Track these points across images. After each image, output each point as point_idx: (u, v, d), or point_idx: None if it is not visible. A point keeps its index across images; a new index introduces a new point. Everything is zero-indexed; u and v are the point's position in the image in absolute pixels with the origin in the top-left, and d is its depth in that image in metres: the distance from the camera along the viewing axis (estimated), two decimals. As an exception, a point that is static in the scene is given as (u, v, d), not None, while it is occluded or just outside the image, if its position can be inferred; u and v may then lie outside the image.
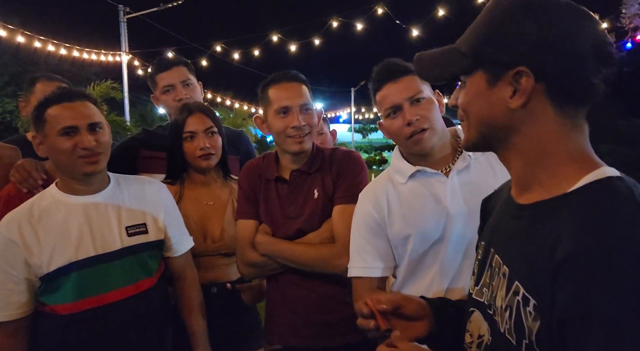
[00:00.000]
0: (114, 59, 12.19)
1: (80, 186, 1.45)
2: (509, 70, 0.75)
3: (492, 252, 0.85)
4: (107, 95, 10.00)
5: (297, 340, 1.59)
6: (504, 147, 0.81)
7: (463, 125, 0.86)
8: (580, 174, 0.73)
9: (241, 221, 1.66)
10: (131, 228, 1.49)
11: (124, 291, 1.43)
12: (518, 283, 0.73)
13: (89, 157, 1.39)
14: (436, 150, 1.36)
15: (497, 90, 0.77)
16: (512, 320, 0.73)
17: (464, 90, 0.82)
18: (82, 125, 1.38)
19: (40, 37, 9.64)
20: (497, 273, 0.80)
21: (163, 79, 2.13)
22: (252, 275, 1.68)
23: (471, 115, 0.82)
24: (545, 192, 0.76)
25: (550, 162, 0.76)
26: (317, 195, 1.58)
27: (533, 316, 0.69)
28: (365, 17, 10.24)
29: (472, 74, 0.80)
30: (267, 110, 1.60)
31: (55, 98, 1.40)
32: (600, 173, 0.73)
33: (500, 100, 0.77)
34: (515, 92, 0.75)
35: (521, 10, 0.74)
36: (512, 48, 0.74)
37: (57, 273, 1.36)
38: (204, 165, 1.79)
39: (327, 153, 1.66)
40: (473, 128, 0.83)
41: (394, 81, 1.33)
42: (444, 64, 0.84)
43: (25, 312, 1.39)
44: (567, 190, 0.73)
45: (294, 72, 1.62)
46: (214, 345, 1.77)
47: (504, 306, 0.75)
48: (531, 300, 0.69)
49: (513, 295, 0.73)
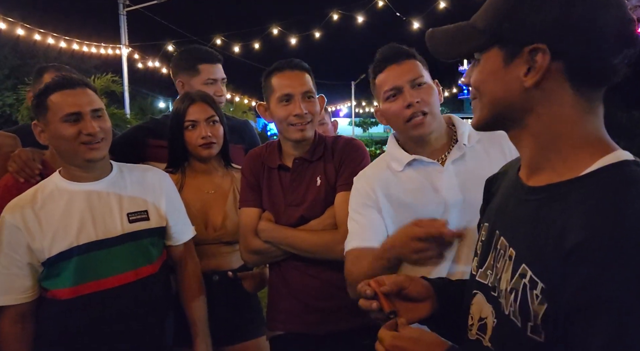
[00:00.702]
0: (114, 52, 12.17)
1: (83, 173, 1.46)
2: (525, 47, 0.73)
3: (497, 233, 0.83)
4: (108, 89, 9.99)
5: (298, 326, 1.61)
6: (517, 127, 0.79)
7: (475, 104, 0.83)
8: (594, 158, 0.72)
9: (244, 209, 1.68)
10: (132, 215, 1.50)
11: (124, 277, 1.45)
12: (525, 266, 0.72)
13: (91, 143, 1.40)
14: (433, 139, 1.35)
15: (513, 69, 0.75)
16: (518, 303, 0.72)
17: (478, 68, 0.80)
18: (85, 111, 1.39)
19: (40, 30, 9.62)
20: (502, 255, 0.79)
21: (209, 72, 2.14)
22: (255, 262, 1.70)
23: (485, 93, 0.80)
24: (556, 174, 0.75)
25: (564, 144, 0.75)
26: (320, 183, 1.60)
27: (540, 300, 0.68)
28: (365, 9, 10.20)
29: (488, 51, 0.78)
30: (270, 98, 1.62)
31: (57, 85, 1.41)
32: (614, 157, 0.71)
33: (515, 78, 0.75)
34: (529, 70, 0.74)
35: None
36: (531, 25, 0.72)
37: (59, 257, 1.39)
38: (205, 154, 1.80)
39: (330, 141, 1.68)
40: (486, 107, 0.80)
41: (396, 63, 1.33)
42: (460, 40, 0.82)
43: (29, 297, 1.41)
44: (579, 174, 0.72)
45: (297, 60, 1.63)
46: (215, 333, 1.79)
47: (509, 288, 0.74)
48: (539, 283, 0.68)
49: (519, 278, 0.72)
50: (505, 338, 0.77)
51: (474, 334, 0.86)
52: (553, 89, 0.74)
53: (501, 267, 0.79)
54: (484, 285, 0.86)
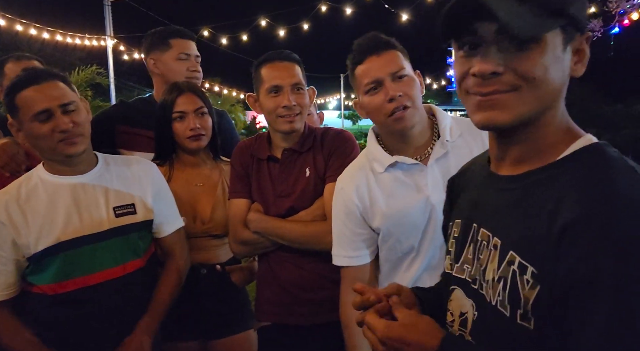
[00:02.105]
0: (99, 43, 11.96)
1: (66, 167, 1.43)
2: (583, 34, 0.70)
3: (474, 227, 0.82)
4: (92, 81, 9.83)
5: (286, 317, 1.62)
6: (539, 121, 0.73)
7: (514, 97, 0.69)
8: (567, 142, 0.73)
9: (234, 200, 1.67)
10: (119, 209, 1.48)
11: (111, 272, 1.43)
12: (513, 252, 0.71)
13: (67, 139, 1.36)
14: (416, 134, 1.33)
15: (566, 56, 0.70)
16: (507, 291, 0.71)
17: (534, 55, 0.68)
18: (54, 108, 1.35)
19: (22, 21, 9.41)
20: (485, 246, 0.78)
21: (181, 46, 2.05)
22: (244, 253, 1.70)
23: (543, 82, 0.69)
24: (538, 160, 0.74)
25: (549, 132, 0.74)
26: (309, 174, 1.59)
27: (531, 284, 0.67)
28: (354, 1, 10.15)
29: (548, 33, 0.67)
30: (260, 89, 1.60)
31: (23, 82, 1.36)
32: (586, 140, 0.73)
33: (567, 66, 0.71)
34: (578, 60, 0.71)
35: None
36: (583, 9, 0.69)
37: (44, 253, 1.36)
38: (194, 145, 1.78)
39: (319, 132, 1.67)
40: (538, 100, 0.70)
41: (376, 54, 1.28)
42: (535, 19, 0.66)
43: (11, 294, 1.39)
44: (556, 158, 0.72)
45: (287, 51, 1.62)
46: (203, 327, 1.78)
47: (496, 278, 0.73)
48: (529, 267, 0.67)
49: (507, 265, 0.71)
50: (489, 329, 0.76)
51: (456, 330, 0.85)
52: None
53: (485, 258, 0.77)
54: (461, 280, 0.85)
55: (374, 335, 0.78)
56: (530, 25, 0.65)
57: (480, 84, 0.71)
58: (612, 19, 4.78)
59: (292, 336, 1.62)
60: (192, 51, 2.09)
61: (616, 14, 4.71)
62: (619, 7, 4.60)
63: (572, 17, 0.68)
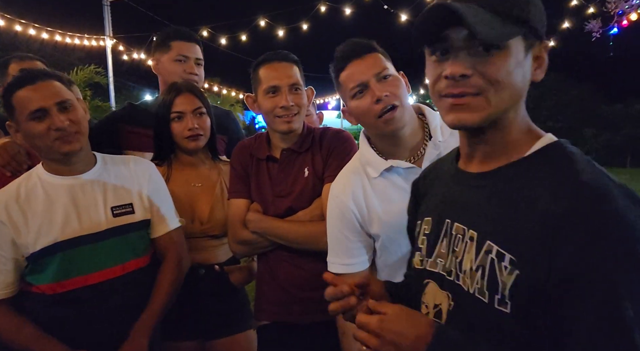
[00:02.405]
0: (98, 43, 11.95)
1: (64, 167, 1.43)
2: (542, 42, 0.77)
3: (448, 222, 0.87)
4: (92, 80, 9.82)
5: (285, 316, 1.62)
6: (503, 121, 0.80)
7: (478, 100, 0.76)
8: (531, 141, 0.80)
9: (233, 200, 1.68)
10: (117, 209, 1.48)
11: (110, 271, 1.43)
12: (490, 242, 0.76)
13: (64, 137, 1.36)
14: (407, 137, 1.31)
15: (527, 61, 0.77)
16: (485, 279, 0.76)
17: (499, 59, 0.74)
18: (50, 106, 1.35)
19: (21, 21, 9.40)
20: (460, 239, 0.83)
21: (180, 48, 2.07)
22: (243, 253, 1.71)
23: (508, 86, 0.75)
24: (505, 158, 0.81)
25: (513, 132, 0.81)
26: (307, 174, 1.60)
27: (508, 270, 0.72)
28: (353, 1, 10.15)
29: (511, 40, 0.74)
30: (258, 89, 1.61)
31: (18, 82, 1.36)
32: (548, 139, 0.81)
33: (527, 71, 0.78)
34: (537, 65, 0.78)
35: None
36: (542, 20, 0.77)
37: (43, 253, 1.36)
38: (192, 146, 1.78)
39: (318, 132, 1.68)
40: (503, 102, 0.76)
41: (358, 58, 1.27)
42: (498, 22, 0.73)
43: (9, 293, 1.39)
44: (522, 155, 0.79)
45: (285, 52, 1.62)
46: (203, 327, 1.78)
47: (474, 267, 0.78)
48: (507, 255, 0.73)
49: (485, 254, 0.77)
50: (466, 318, 0.80)
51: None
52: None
53: (461, 250, 0.82)
54: (435, 274, 0.89)
55: (366, 333, 0.78)
56: (496, 32, 0.72)
57: (451, 85, 0.77)
58: (610, 19, 4.79)
59: (292, 334, 1.63)
60: (191, 54, 2.10)
61: (615, 14, 4.71)
62: (618, 7, 4.61)
63: (532, 26, 0.76)
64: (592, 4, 7.26)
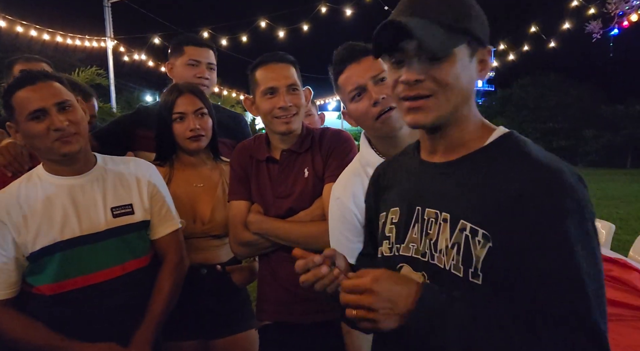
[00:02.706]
0: (99, 44, 11.97)
1: (64, 167, 1.44)
2: (485, 47, 0.91)
3: (418, 209, 0.95)
4: (92, 82, 9.82)
5: (286, 316, 1.63)
6: (457, 118, 0.91)
7: (432, 102, 0.87)
8: (486, 133, 0.93)
9: (234, 202, 1.68)
10: (116, 209, 1.48)
11: (110, 272, 1.44)
12: (463, 221, 0.86)
13: (63, 137, 1.37)
14: (406, 138, 1.32)
15: (472, 65, 0.90)
16: (460, 254, 0.85)
17: (446, 65, 0.85)
18: (49, 106, 1.35)
19: (22, 22, 9.42)
20: (433, 223, 0.92)
21: (193, 53, 2.14)
22: (245, 254, 1.71)
23: (454, 87, 0.87)
24: (464, 149, 0.93)
25: (467, 127, 0.94)
26: (308, 174, 1.60)
27: (482, 244, 0.83)
28: (353, 2, 10.16)
29: (457, 48, 0.86)
30: (255, 91, 1.62)
31: (18, 83, 1.37)
32: (501, 131, 0.93)
33: (473, 73, 0.90)
34: (481, 68, 0.91)
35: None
36: (484, 29, 0.90)
37: (42, 252, 1.37)
38: (194, 146, 1.79)
39: (317, 133, 1.69)
40: (451, 102, 0.88)
41: (356, 62, 1.30)
42: (446, 35, 0.84)
43: (12, 293, 1.39)
44: (483, 145, 0.92)
45: (281, 53, 1.63)
46: (204, 327, 1.79)
47: (449, 245, 0.87)
48: (480, 230, 0.84)
49: (460, 232, 0.86)
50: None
51: None
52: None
53: (435, 231, 0.91)
54: (409, 257, 0.96)
55: (356, 295, 0.81)
56: (442, 43, 0.83)
57: (407, 89, 0.88)
58: (611, 20, 4.79)
59: (293, 335, 1.63)
60: (203, 58, 2.16)
61: (615, 15, 4.72)
62: (618, 8, 4.61)
63: (474, 34, 0.88)
64: (593, 5, 7.26)
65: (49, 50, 11.84)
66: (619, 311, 2.05)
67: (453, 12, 0.86)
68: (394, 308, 0.79)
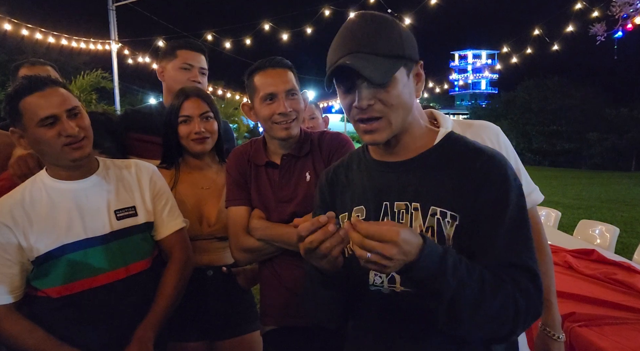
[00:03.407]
0: (103, 47, 12.05)
1: (69, 172, 1.45)
2: (417, 64, 1.06)
3: (386, 204, 1.08)
4: (97, 85, 9.89)
5: (291, 320, 1.62)
6: (405, 127, 1.07)
7: (381, 123, 1.02)
8: (433, 136, 1.11)
9: (232, 208, 1.66)
10: (120, 212, 1.49)
11: (114, 274, 1.44)
12: (433, 206, 1.02)
13: (73, 143, 1.38)
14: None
15: (410, 81, 1.04)
16: (435, 235, 1.00)
17: (391, 86, 0.99)
18: (61, 113, 1.37)
19: (28, 25, 9.48)
20: (404, 213, 1.05)
21: (186, 57, 2.15)
22: (247, 260, 1.68)
23: (400, 105, 1.02)
24: (418, 149, 1.09)
25: (415, 134, 1.10)
26: (309, 178, 1.60)
27: (450, 223, 1.00)
28: (357, 5, 10.18)
29: (395, 74, 0.99)
30: (254, 97, 1.60)
31: (27, 88, 1.36)
32: (444, 131, 1.11)
33: (412, 88, 1.05)
34: (417, 81, 1.06)
35: (395, 22, 1.04)
36: (414, 47, 1.04)
37: (48, 256, 1.38)
38: (199, 149, 1.80)
39: (315, 136, 1.68)
40: (400, 117, 1.03)
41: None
42: (388, 65, 0.99)
43: (16, 297, 1.40)
44: (433, 144, 1.09)
45: (279, 58, 1.61)
46: (209, 328, 1.79)
47: (424, 229, 1.02)
48: (448, 212, 1.01)
49: (432, 217, 1.02)
50: None
51: (387, 288, 1.06)
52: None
53: (407, 220, 1.04)
54: None
55: (379, 243, 0.85)
56: (385, 73, 0.98)
57: (360, 112, 1.03)
58: (615, 23, 4.79)
59: (298, 339, 1.62)
60: (196, 63, 2.16)
61: (619, 18, 4.71)
62: (622, 11, 4.61)
63: (408, 56, 1.02)
64: (597, 8, 7.25)
65: (54, 53, 11.93)
66: (623, 314, 2.05)
67: (387, 43, 1.00)
68: (405, 259, 0.87)
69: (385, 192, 1.09)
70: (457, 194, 1.01)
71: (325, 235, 0.91)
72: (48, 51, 11.25)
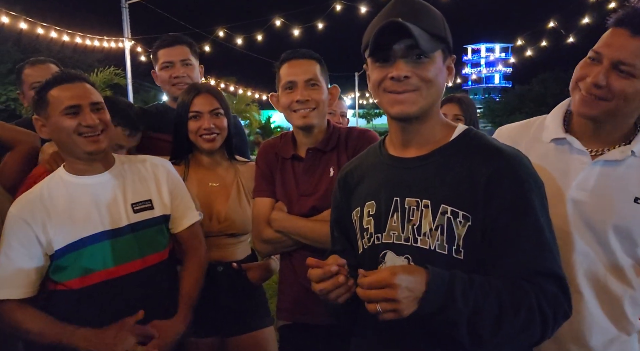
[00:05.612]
0: (117, 45, 12.14)
1: (86, 166, 1.48)
2: (452, 56, 1.07)
3: (397, 200, 1.07)
4: (111, 81, 9.99)
5: (306, 316, 1.63)
6: (429, 113, 1.07)
7: (416, 95, 1.02)
8: (449, 131, 1.10)
9: (258, 199, 1.70)
10: (137, 205, 1.52)
11: (131, 265, 1.47)
12: (444, 205, 1.00)
13: (91, 135, 1.42)
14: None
15: (444, 69, 1.06)
16: (445, 234, 0.99)
17: (429, 64, 1.01)
18: (84, 104, 1.42)
19: (43, 24, 9.61)
20: (415, 210, 1.04)
21: (163, 55, 2.16)
22: (267, 251, 1.72)
23: (434, 84, 1.03)
24: (434, 143, 1.08)
25: (435, 125, 1.10)
26: (333, 173, 1.61)
27: (462, 224, 0.99)
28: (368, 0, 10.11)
29: (435, 52, 1.02)
30: (279, 87, 1.65)
31: (56, 80, 1.44)
32: (460, 128, 1.10)
33: (444, 76, 1.06)
34: (448, 73, 1.07)
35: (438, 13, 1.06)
36: (450, 38, 1.05)
37: (66, 250, 1.41)
38: (207, 146, 1.80)
39: (343, 132, 1.69)
40: (431, 97, 1.04)
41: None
42: (431, 41, 1.00)
43: (31, 292, 1.42)
44: (449, 140, 1.08)
45: (305, 49, 1.65)
46: (220, 324, 1.80)
47: (433, 228, 1.01)
48: (460, 212, 0.99)
49: (442, 215, 1.00)
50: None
51: None
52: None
53: (417, 217, 1.03)
54: (391, 244, 1.07)
55: (379, 290, 0.87)
56: (428, 45, 0.99)
57: (395, 84, 1.02)
58: (633, 13, 4.68)
59: (313, 335, 1.63)
60: (174, 58, 2.14)
61: (638, 8, 4.60)
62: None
63: (448, 43, 1.05)
64: (614, -1, 7.09)
65: (68, 50, 12.08)
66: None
67: (434, 22, 1.02)
68: (413, 295, 0.87)
69: (397, 187, 1.08)
70: (471, 194, 0.99)
71: (334, 286, 0.97)
72: (62, 49, 11.39)
